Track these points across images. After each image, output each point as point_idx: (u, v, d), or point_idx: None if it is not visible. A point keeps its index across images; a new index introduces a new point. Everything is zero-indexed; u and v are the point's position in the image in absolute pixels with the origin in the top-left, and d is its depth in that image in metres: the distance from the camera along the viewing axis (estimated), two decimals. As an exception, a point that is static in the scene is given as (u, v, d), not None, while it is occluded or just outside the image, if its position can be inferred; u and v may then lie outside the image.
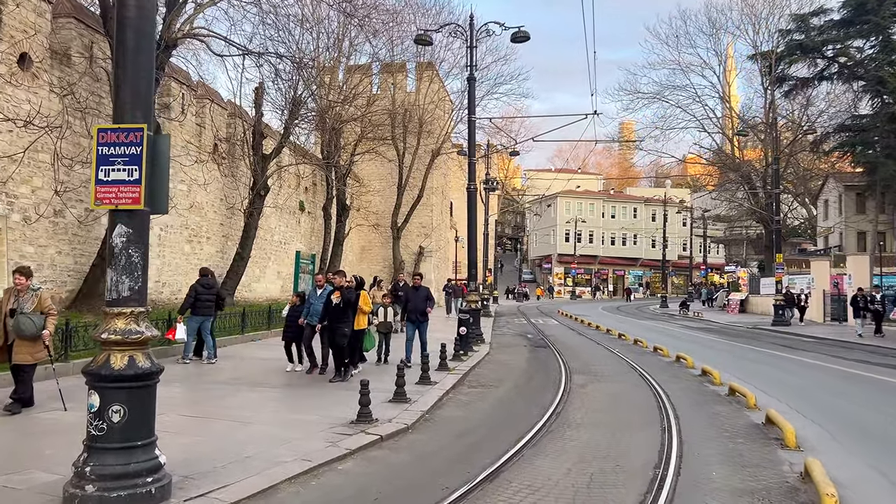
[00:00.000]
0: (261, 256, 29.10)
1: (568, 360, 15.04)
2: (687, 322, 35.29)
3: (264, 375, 11.63)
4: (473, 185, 18.81)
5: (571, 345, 19.50)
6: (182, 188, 22.83)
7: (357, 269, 40.46)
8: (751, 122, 43.12)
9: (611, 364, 14.90)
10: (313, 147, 35.86)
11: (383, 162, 39.71)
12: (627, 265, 79.52)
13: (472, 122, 18.79)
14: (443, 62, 40.12)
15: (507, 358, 15.91)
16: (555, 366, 14.42)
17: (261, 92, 24.89)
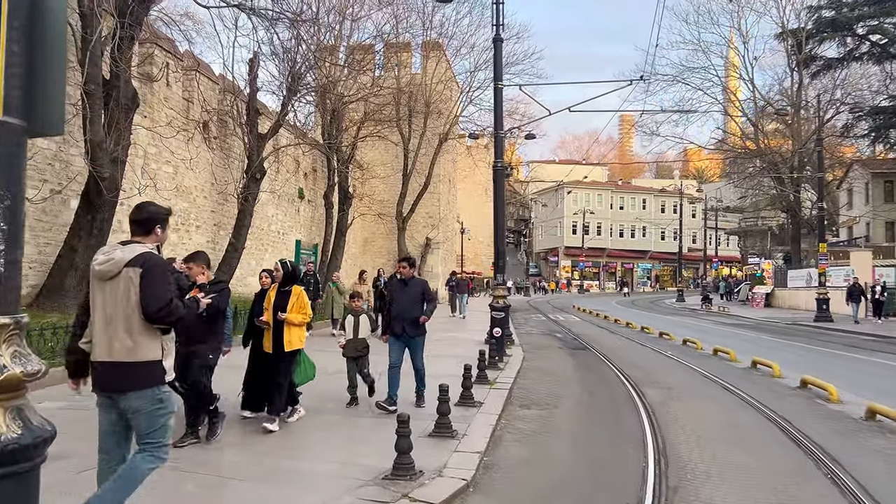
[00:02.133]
0: (257, 248, 26.58)
1: (621, 367, 12.58)
2: (715, 317, 32.89)
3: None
4: (501, 163, 16.28)
5: (612, 346, 17.04)
6: (167, 169, 20.29)
7: (360, 262, 37.97)
8: (776, 105, 40.54)
9: (676, 372, 12.43)
10: (313, 131, 33.29)
11: (387, 148, 37.14)
12: (636, 258, 77.06)
13: (498, 90, 16.27)
14: (451, 39, 37.51)
15: (548, 364, 13.43)
16: (610, 375, 11.96)
17: (255, 63, 22.28)
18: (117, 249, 3.86)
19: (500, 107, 16.46)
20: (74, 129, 15.22)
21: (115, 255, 3.81)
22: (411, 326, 8.13)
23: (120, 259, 3.76)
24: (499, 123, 16.41)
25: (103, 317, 3.79)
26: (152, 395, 3.81)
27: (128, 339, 3.76)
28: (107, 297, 3.78)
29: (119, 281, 3.77)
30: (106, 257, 3.84)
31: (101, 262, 3.80)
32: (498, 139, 16.45)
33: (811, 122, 41.86)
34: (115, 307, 3.75)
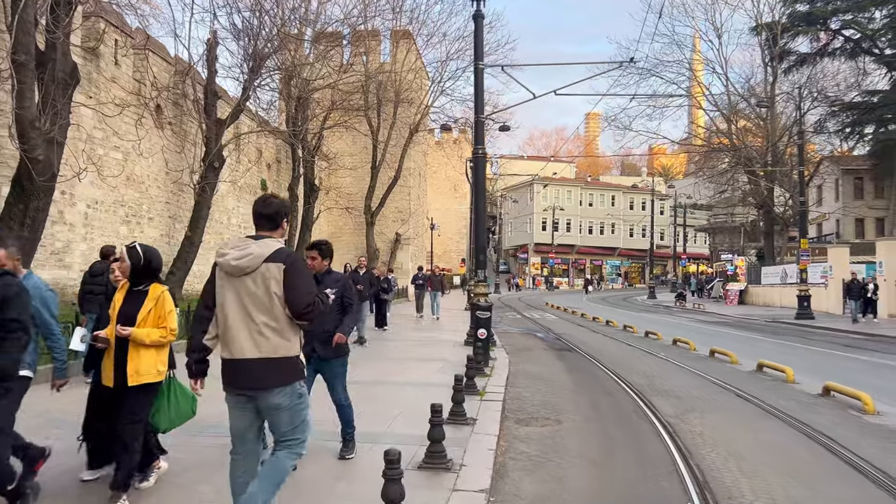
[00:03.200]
0: (216, 242, 24.93)
1: (618, 371, 11.46)
2: (692, 315, 32.17)
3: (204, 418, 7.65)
4: (482, 149, 15.02)
5: (599, 347, 15.93)
6: (116, 156, 18.61)
7: (326, 257, 36.50)
8: (751, 100, 40.06)
9: (679, 377, 11.32)
10: (277, 119, 31.66)
11: (355, 139, 35.65)
12: (605, 255, 76.66)
13: (479, 71, 14.98)
14: (423, 26, 36.12)
15: (537, 368, 12.23)
16: (608, 381, 10.81)
17: (214, 44, 20.68)
18: (251, 244, 3.71)
19: (481, 88, 15.17)
20: (7, 108, 13.56)
21: (251, 249, 3.67)
22: (322, 346, 5.70)
23: (259, 254, 3.64)
24: (479, 107, 15.12)
25: (240, 313, 3.63)
26: (292, 390, 3.71)
27: (271, 335, 3.64)
28: (243, 292, 3.63)
29: (257, 276, 3.64)
30: (241, 252, 3.67)
31: (238, 258, 3.64)
32: (478, 123, 15.16)
33: (784, 118, 41.56)
34: (256, 303, 3.61)
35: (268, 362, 3.62)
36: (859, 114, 37.53)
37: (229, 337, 3.65)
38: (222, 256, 3.71)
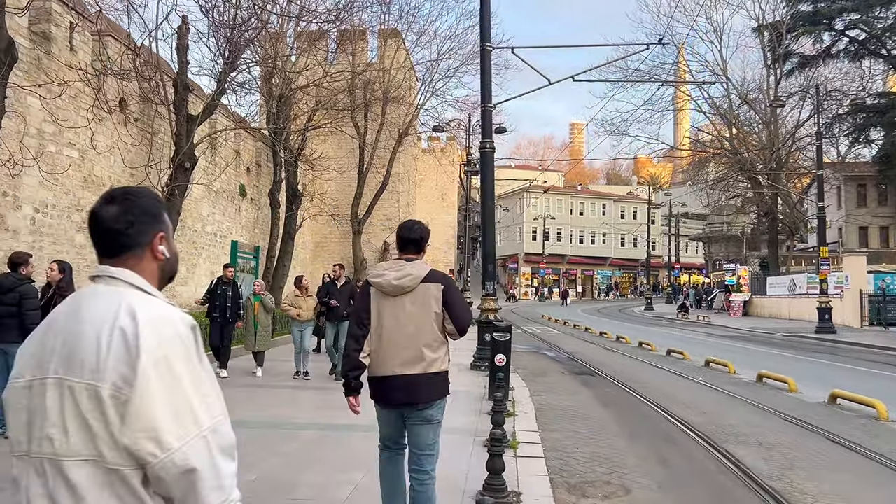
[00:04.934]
0: (189, 251, 22.72)
1: (662, 404, 9.52)
2: (699, 328, 30.34)
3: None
4: (490, 144, 13.04)
5: (621, 369, 13.96)
6: (71, 154, 16.40)
7: (310, 268, 34.26)
8: (752, 99, 38.54)
9: (740, 412, 9.35)
10: (257, 120, 29.55)
11: (341, 142, 33.59)
12: (596, 265, 74.94)
13: (485, 53, 13.05)
14: (412, 23, 34.29)
15: (565, 401, 10.20)
16: (657, 418, 8.83)
17: (185, 30, 18.57)
18: (406, 266, 3.94)
19: (489, 74, 13.23)
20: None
21: (409, 270, 3.89)
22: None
23: (416, 275, 3.88)
24: (487, 94, 13.15)
25: (400, 331, 3.83)
26: (443, 404, 3.96)
27: (427, 351, 3.84)
28: (401, 311, 3.82)
29: (416, 295, 3.87)
30: (399, 273, 3.89)
31: (398, 278, 3.86)
32: (486, 113, 13.21)
33: (788, 122, 40.08)
34: (415, 321, 3.81)
35: (425, 377, 3.81)
36: (868, 116, 36.05)
37: (386, 353, 3.82)
38: (380, 277, 3.91)
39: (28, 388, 1.52)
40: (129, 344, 1.45)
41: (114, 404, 1.43)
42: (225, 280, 12.23)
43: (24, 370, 1.55)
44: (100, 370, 1.45)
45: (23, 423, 1.51)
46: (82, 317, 1.52)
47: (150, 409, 1.43)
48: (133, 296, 1.54)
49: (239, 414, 8.28)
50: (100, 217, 1.63)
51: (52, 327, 1.57)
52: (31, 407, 1.51)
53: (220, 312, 11.78)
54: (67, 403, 1.47)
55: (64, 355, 1.49)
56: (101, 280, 1.60)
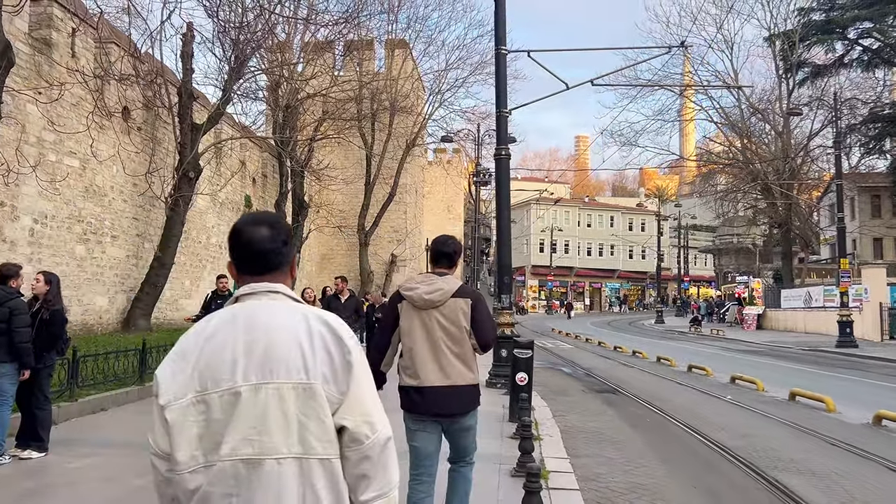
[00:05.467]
0: (193, 264, 22.22)
1: (695, 425, 8.92)
2: (714, 341, 29.63)
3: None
4: (506, 151, 12.51)
5: (644, 387, 13.33)
6: (72, 163, 15.94)
7: (316, 281, 33.67)
8: (764, 109, 38.00)
9: (779, 435, 8.72)
10: (263, 131, 29.13)
11: (347, 153, 33.15)
12: (604, 277, 74.15)
13: (500, 57, 12.56)
14: (420, 33, 33.95)
15: (590, 422, 9.58)
16: (693, 442, 8.20)
17: (190, 37, 18.18)
18: (437, 280, 4.00)
19: (504, 78, 12.71)
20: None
21: (440, 285, 3.96)
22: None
23: (447, 290, 3.94)
24: (502, 99, 12.62)
25: (427, 343, 3.90)
26: (477, 411, 4.08)
27: (458, 363, 3.91)
28: (431, 324, 3.88)
29: (446, 310, 3.94)
30: (430, 287, 3.95)
31: (429, 292, 3.92)
32: (500, 119, 12.67)
33: (799, 133, 39.50)
34: (444, 334, 3.87)
35: (458, 389, 3.90)
36: (883, 126, 35.40)
37: (417, 365, 3.87)
38: (411, 290, 3.97)
39: (202, 403, 1.60)
40: (335, 345, 1.65)
41: (327, 398, 1.61)
42: (220, 293, 10.85)
43: (185, 389, 1.61)
44: (308, 370, 1.61)
45: (194, 437, 1.59)
46: (270, 326, 1.65)
47: (363, 398, 1.66)
48: (301, 306, 1.73)
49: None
50: (254, 238, 1.77)
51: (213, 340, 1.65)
52: (209, 419, 1.59)
53: None
54: (272, 405, 1.59)
55: (256, 362, 1.61)
56: (260, 295, 1.73)
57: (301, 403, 1.61)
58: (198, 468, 1.60)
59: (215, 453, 1.59)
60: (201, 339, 1.67)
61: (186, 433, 1.60)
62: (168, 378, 1.65)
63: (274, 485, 1.58)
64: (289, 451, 1.59)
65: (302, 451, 1.60)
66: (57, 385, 8.31)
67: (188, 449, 1.60)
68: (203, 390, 1.61)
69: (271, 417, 1.59)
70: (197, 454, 1.60)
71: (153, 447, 1.68)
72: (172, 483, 1.64)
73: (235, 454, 1.58)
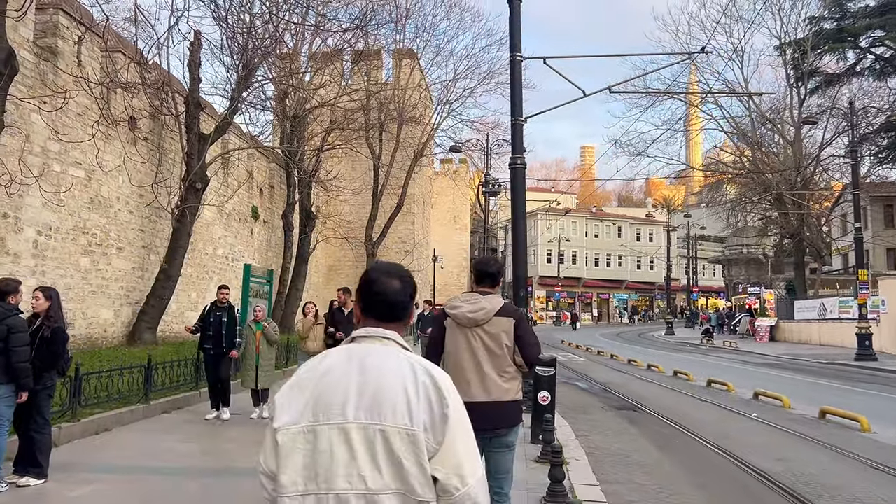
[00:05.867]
0: (200, 276, 21.89)
1: (725, 446, 8.50)
2: (726, 354, 29.11)
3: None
4: (521, 160, 12.16)
5: (665, 403, 12.90)
6: (77, 174, 15.65)
7: (323, 292, 33.32)
8: (774, 118, 37.60)
9: (818, 459, 8.29)
10: (270, 142, 28.89)
11: (355, 163, 32.89)
12: (612, 288, 73.63)
13: (516, 63, 12.21)
14: (428, 43, 33.74)
15: (615, 443, 9.16)
16: (727, 465, 7.78)
17: (197, 45, 17.94)
18: (481, 299, 4.10)
19: (519, 85, 12.34)
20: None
21: (483, 304, 4.07)
22: None
23: (491, 309, 4.05)
24: (517, 107, 12.26)
25: (472, 361, 3.99)
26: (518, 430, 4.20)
27: (500, 380, 3.98)
28: (475, 342, 3.98)
29: (490, 328, 4.04)
30: (474, 306, 4.06)
31: (473, 311, 4.04)
32: (516, 127, 12.29)
33: (810, 142, 39.07)
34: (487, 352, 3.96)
35: (508, 405, 4.01)
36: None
37: (461, 382, 3.77)
38: (456, 309, 4.10)
39: (311, 433, 1.72)
40: (435, 397, 1.76)
41: (426, 446, 1.72)
42: (219, 304, 10.33)
43: (299, 416, 1.74)
44: (412, 416, 1.72)
45: (299, 464, 1.71)
46: (381, 370, 1.78)
47: (456, 451, 1.75)
48: (409, 355, 1.85)
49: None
50: (388, 291, 1.91)
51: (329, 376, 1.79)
52: (316, 449, 1.72)
53: (214, 343, 9.98)
54: (379, 445, 1.71)
55: (366, 403, 1.73)
56: (374, 339, 1.86)
57: (404, 447, 1.70)
58: (296, 495, 1.71)
59: (315, 483, 1.70)
60: (317, 374, 1.81)
61: (293, 458, 1.71)
62: (285, 405, 1.77)
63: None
64: (392, 490, 1.69)
65: (403, 490, 1.69)
66: (58, 404, 7.96)
67: (292, 474, 1.71)
68: (315, 421, 1.74)
69: (378, 457, 1.70)
70: (298, 480, 1.71)
71: (263, 466, 1.79)
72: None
73: (342, 488, 1.69)
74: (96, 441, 8.15)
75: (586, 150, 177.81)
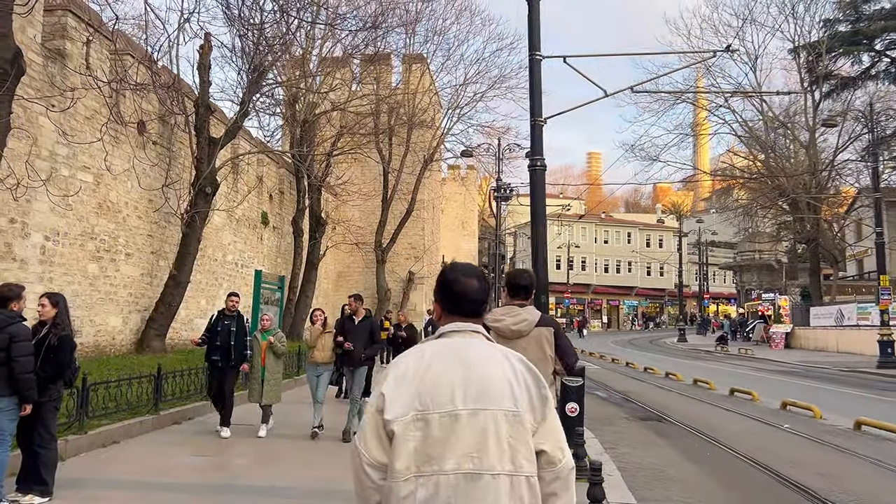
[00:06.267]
0: (209, 282, 21.57)
1: (762, 460, 8.07)
2: (743, 361, 28.61)
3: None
4: (541, 162, 11.78)
5: (690, 413, 12.47)
6: (85, 178, 15.35)
7: (332, 299, 32.98)
8: (787, 123, 37.12)
9: (863, 474, 7.86)
10: (280, 145, 28.61)
11: (364, 169, 32.55)
12: (622, 294, 73.07)
13: (535, 63, 11.83)
14: (438, 47, 33.51)
15: (646, 457, 8.75)
16: (769, 482, 7.35)
17: (207, 48, 17.66)
18: (521, 311, 4.34)
19: (539, 85, 11.95)
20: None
21: (524, 316, 4.32)
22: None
23: (532, 320, 4.31)
24: (536, 107, 11.88)
25: None
26: None
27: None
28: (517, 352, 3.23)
29: (531, 338, 4.31)
30: (516, 319, 4.32)
31: (515, 323, 4.29)
32: (535, 128, 11.89)
33: (826, 147, 38.53)
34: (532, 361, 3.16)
35: None
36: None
37: None
38: (499, 322, 4.28)
39: (421, 421, 1.85)
40: (532, 381, 1.95)
41: (530, 425, 1.90)
42: (227, 313, 9.51)
43: (407, 408, 1.86)
44: (516, 400, 1.90)
45: (410, 450, 1.83)
46: (481, 361, 1.95)
47: (556, 428, 1.96)
48: (498, 346, 2.07)
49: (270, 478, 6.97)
50: (468, 290, 2.11)
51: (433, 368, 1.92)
52: (426, 435, 1.84)
53: (222, 354, 9.16)
54: (489, 428, 1.85)
55: (473, 391, 1.88)
56: (465, 333, 2.04)
57: (511, 428, 1.87)
58: (410, 477, 1.82)
59: (428, 465, 1.82)
60: (421, 367, 1.92)
61: (406, 446, 1.83)
62: (393, 397, 1.88)
63: (491, 497, 1.81)
64: (502, 468, 1.83)
65: (513, 469, 1.85)
66: (65, 416, 7.62)
67: (405, 460, 1.82)
68: (424, 410, 1.85)
69: (490, 438, 1.84)
70: (411, 465, 1.83)
71: (366, 457, 1.88)
72: (383, 490, 1.86)
73: (459, 469, 1.81)
74: (103, 454, 7.79)
75: (593, 157, 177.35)
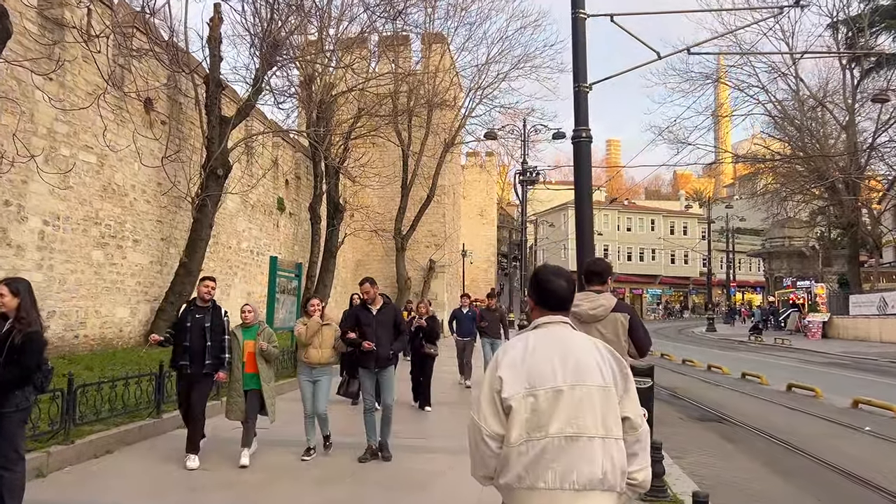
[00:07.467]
0: (223, 270, 20.54)
1: (861, 474, 6.84)
2: (783, 352, 27.20)
3: None
4: (586, 133, 10.53)
5: (747, 409, 11.25)
6: (88, 159, 14.30)
7: (351, 288, 31.88)
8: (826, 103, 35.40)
9: None
10: (295, 127, 27.49)
11: (382, 154, 31.33)
12: (645, 283, 71.49)
13: (579, 21, 10.55)
14: (460, 24, 32.21)
15: (724, 469, 7.54)
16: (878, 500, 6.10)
17: (218, 20, 16.52)
18: (598, 297, 4.54)
19: (583, 47, 10.63)
20: None
21: (601, 302, 4.51)
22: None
23: (608, 305, 4.52)
24: (581, 72, 10.57)
25: None
26: None
27: None
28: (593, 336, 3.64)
29: (608, 323, 4.50)
30: (593, 304, 4.52)
31: (592, 308, 4.49)
32: (580, 95, 10.61)
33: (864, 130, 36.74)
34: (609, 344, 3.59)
35: None
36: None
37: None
38: (577, 307, 4.32)
39: (531, 396, 2.36)
40: (615, 361, 2.48)
41: (617, 397, 2.40)
42: (200, 303, 7.29)
43: (518, 387, 2.38)
44: (604, 376, 2.41)
45: (523, 421, 2.33)
46: (575, 346, 2.48)
47: (636, 399, 2.48)
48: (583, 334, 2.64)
49: None
50: (559, 289, 2.63)
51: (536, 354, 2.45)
52: (535, 408, 2.34)
53: (192, 358, 7.02)
54: (585, 399, 2.34)
55: (570, 370, 2.39)
56: (556, 324, 2.57)
57: (603, 399, 2.37)
58: (522, 443, 2.33)
59: (538, 432, 2.32)
60: (527, 354, 2.45)
61: (518, 418, 2.34)
62: (509, 379, 2.40)
63: (587, 454, 2.30)
64: (596, 431, 2.33)
65: (604, 433, 2.34)
66: (47, 423, 6.54)
67: (518, 429, 2.34)
68: (531, 387, 2.38)
69: (585, 408, 2.34)
70: (522, 433, 2.34)
71: (486, 430, 2.40)
72: (500, 457, 2.37)
73: (562, 432, 2.31)
74: (93, 467, 6.71)
75: (612, 144, 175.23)
